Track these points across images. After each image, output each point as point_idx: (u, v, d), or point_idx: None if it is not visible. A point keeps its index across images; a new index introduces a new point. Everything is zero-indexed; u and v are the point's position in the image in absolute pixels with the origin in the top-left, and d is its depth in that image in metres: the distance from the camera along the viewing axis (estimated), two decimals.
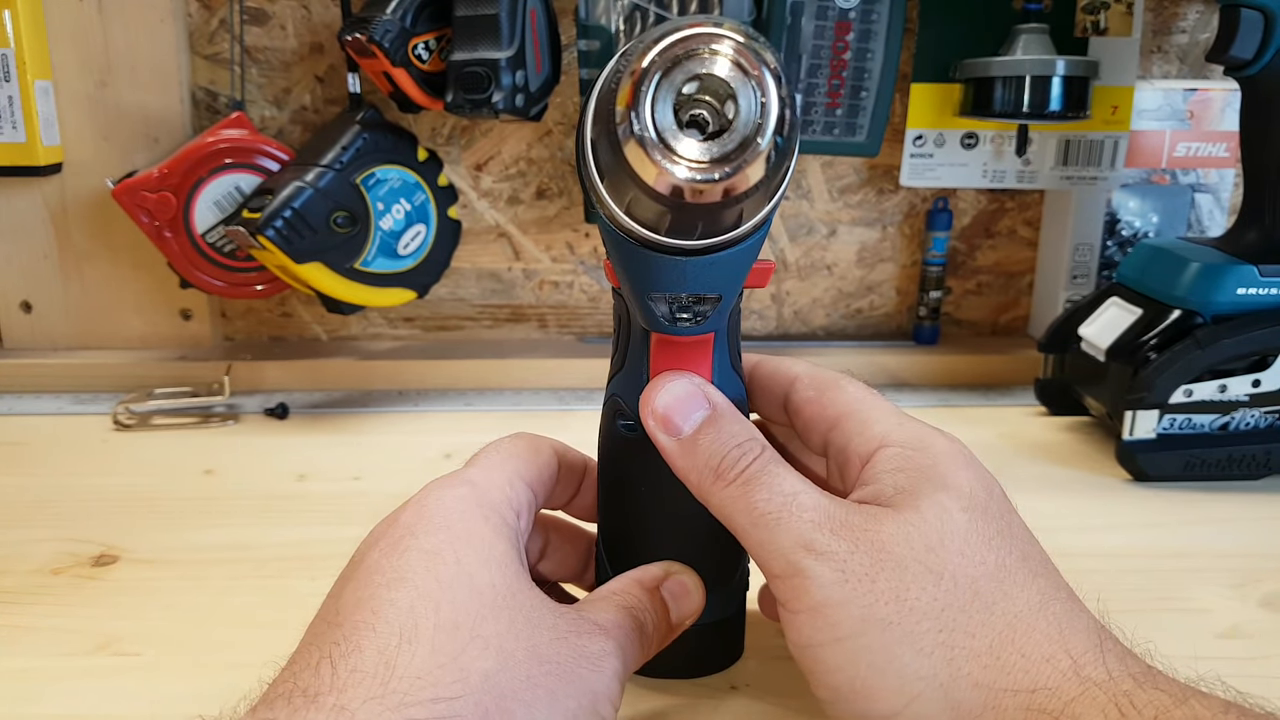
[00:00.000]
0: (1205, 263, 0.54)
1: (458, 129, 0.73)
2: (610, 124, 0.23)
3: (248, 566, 0.44)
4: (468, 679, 0.24)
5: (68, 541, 0.46)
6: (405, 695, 0.23)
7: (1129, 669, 0.24)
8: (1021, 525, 0.29)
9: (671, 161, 0.22)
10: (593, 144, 0.26)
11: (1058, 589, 0.27)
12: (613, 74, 0.24)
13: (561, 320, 0.78)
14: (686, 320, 0.28)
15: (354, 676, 0.24)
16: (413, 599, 0.25)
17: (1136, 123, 0.70)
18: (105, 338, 0.73)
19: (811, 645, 0.27)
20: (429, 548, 0.27)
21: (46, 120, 0.67)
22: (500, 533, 0.29)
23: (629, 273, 0.28)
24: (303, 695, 0.23)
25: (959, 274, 0.79)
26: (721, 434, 0.29)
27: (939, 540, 0.27)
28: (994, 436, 0.62)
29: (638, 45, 0.23)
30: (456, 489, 0.29)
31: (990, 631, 0.25)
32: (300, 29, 0.70)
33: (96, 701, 0.34)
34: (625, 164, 0.23)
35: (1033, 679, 0.24)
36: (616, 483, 0.34)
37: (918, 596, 0.26)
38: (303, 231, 0.61)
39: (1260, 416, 0.55)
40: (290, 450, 0.59)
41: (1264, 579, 0.44)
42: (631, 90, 0.22)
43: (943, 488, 0.28)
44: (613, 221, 0.27)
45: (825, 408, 0.32)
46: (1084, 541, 0.48)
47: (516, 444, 0.33)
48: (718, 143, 0.23)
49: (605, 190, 0.26)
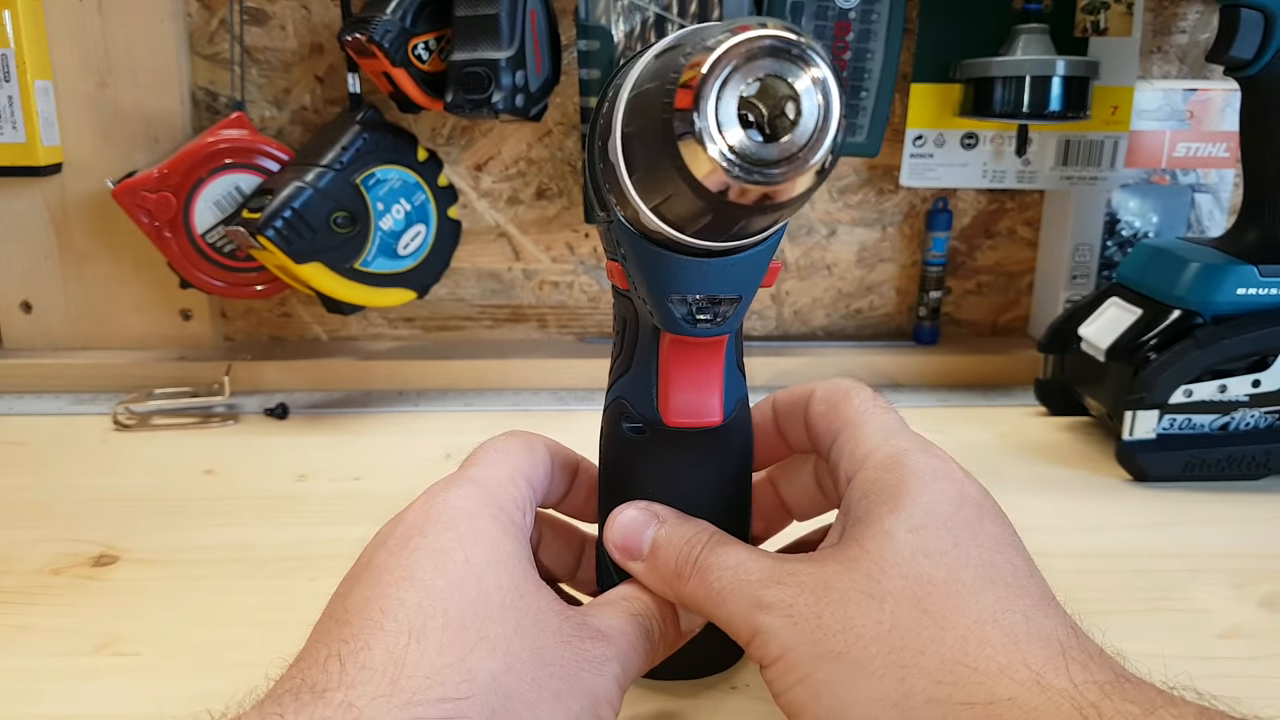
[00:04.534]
0: (1205, 263, 0.54)
1: (458, 129, 0.73)
2: (660, 119, 0.22)
3: (248, 566, 0.44)
4: (475, 679, 0.25)
5: (68, 541, 0.46)
6: (413, 694, 0.23)
7: (1095, 677, 0.24)
8: (993, 533, 0.28)
9: (732, 161, 0.22)
10: (624, 140, 0.25)
11: (1020, 596, 0.27)
12: (660, 70, 0.23)
13: (561, 320, 0.78)
14: (706, 321, 0.28)
15: (362, 674, 0.24)
16: (421, 598, 0.26)
17: (1136, 123, 0.70)
18: (105, 338, 0.73)
19: (784, 693, 0.27)
20: (437, 547, 0.27)
21: (46, 120, 0.67)
22: (507, 531, 0.29)
23: (648, 275, 0.28)
24: (310, 691, 0.24)
25: (959, 274, 0.79)
26: (673, 540, 0.31)
27: (879, 567, 0.27)
28: (994, 437, 0.62)
29: (697, 40, 0.22)
30: (462, 488, 0.30)
31: (940, 647, 0.25)
32: (300, 29, 0.70)
33: (96, 701, 0.34)
34: (676, 161, 0.22)
35: (989, 691, 0.24)
36: (622, 485, 0.34)
37: (863, 624, 0.26)
38: (303, 231, 0.61)
39: (1260, 417, 0.55)
40: (290, 450, 0.59)
41: (1264, 579, 0.44)
42: (697, 86, 0.21)
43: (894, 511, 0.28)
44: (633, 222, 0.27)
45: (831, 421, 0.33)
46: (1084, 542, 0.48)
47: (513, 441, 0.33)
48: (780, 146, 0.22)
49: (634, 189, 0.25)
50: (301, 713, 0.23)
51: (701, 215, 0.24)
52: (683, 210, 0.25)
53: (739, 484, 0.35)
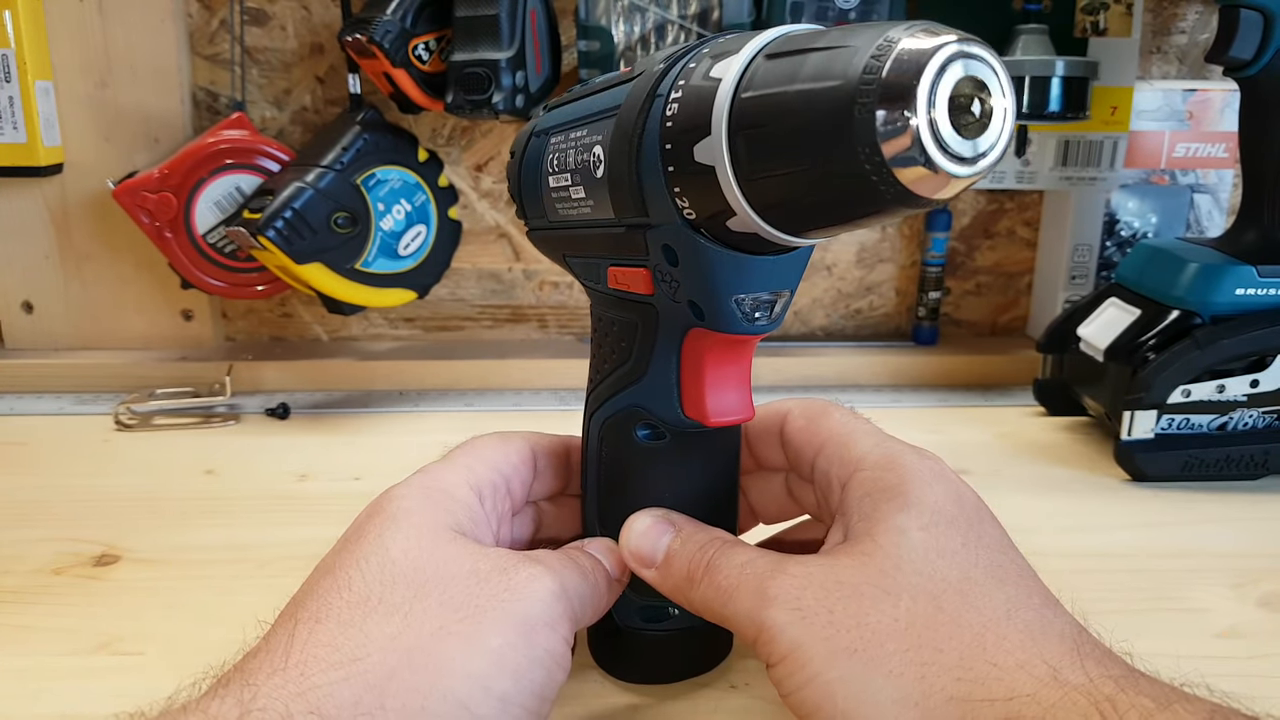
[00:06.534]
0: (1204, 263, 0.54)
1: (458, 130, 0.73)
2: (844, 119, 0.22)
3: (248, 566, 0.45)
4: (370, 641, 0.25)
5: (69, 541, 0.46)
6: (306, 665, 0.25)
7: (1109, 672, 0.24)
8: (994, 535, 0.29)
9: (941, 158, 0.22)
10: (741, 140, 0.24)
11: (1030, 595, 0.27)
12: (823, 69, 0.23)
13: (561, 320, 0.78)
14: (762, 318, 0.29)
15: (257, 659, 0.25)
16: (329, 585, 0.27)
17: (1136, 123, 0.70)
18: (106, 338, 0.73)
19: (794, 692, 0.26)
20: (357, 535, 0.29)
21: (47, 121, 0.68)
22: (431, 501, 0.30)
23: (713, 277, 0.28)
24: (221, 684, 0.25)
25: (958, 274, 0.79)
26: (687, 546, 0.31)
27: (894, 564, 0.27)
28: (993, 437, 0.62)
29: (870, 39, 0.22)
30: (404, 485, 0.31)
31: (958, 644, 0.25)
32: (300, 29, 0.70)
33: (96, 701, 0.34)
34: (860, 158, 0.22)
35: (1008, 687, 0.24)
36: (632, 494, 0.33)
37: (878, 620, 0.26)
38: (303, 232, 0.61)
39: (1258, 417, 0.55)
40: (291, 450, 0.59)
41: (1262, 579, 0.44)
42: (911, 85, 0.21)
43: (903, 509, 0.28)
44: (708, 224, 0.27)
45: (813, 435, 0.33)
46: (1082, 541, 0.48)
47: (480, 438, 0.34)
48: (975, 144, 0.22)
49: (741, 189, 0.25)
50: (200, 701, 0.24)
51: (844, 210, 0.24)
52: (814, 205, 0.24)
53: (736, 482, 0.35)
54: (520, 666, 0.26)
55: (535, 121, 0.35)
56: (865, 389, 0.72)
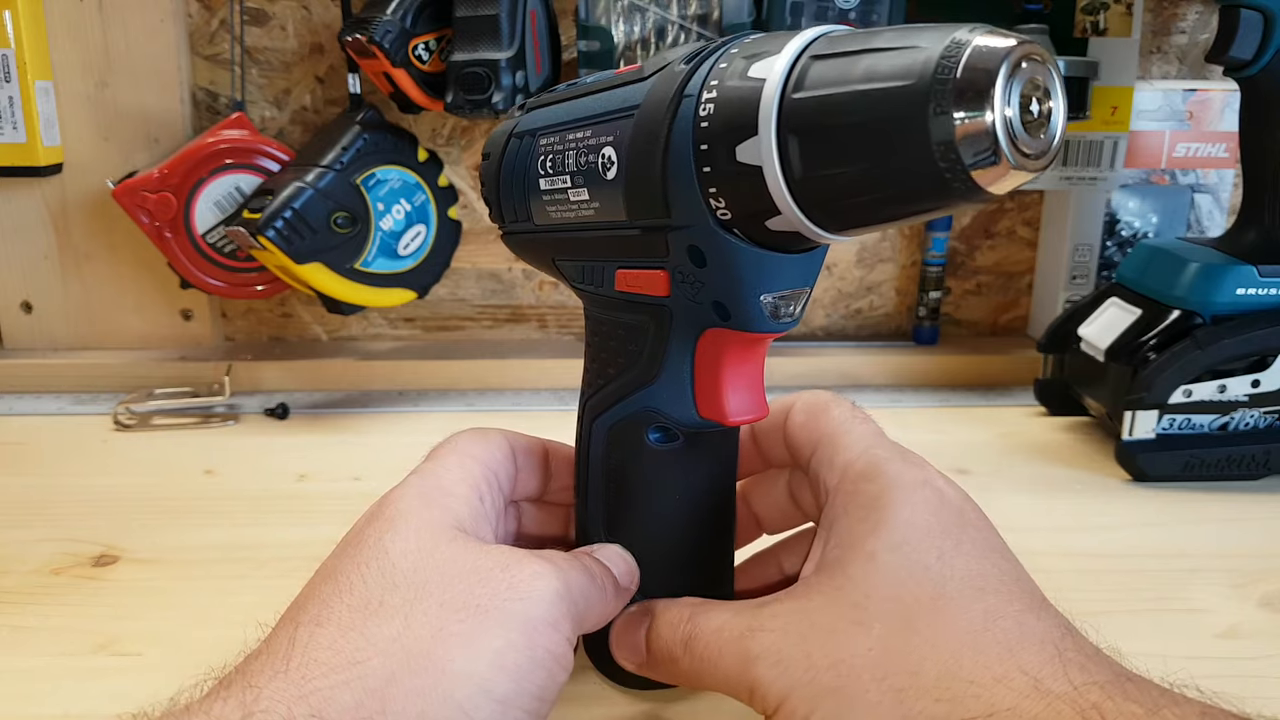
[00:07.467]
0: (1205, 263, 0.54)
1: (458, 129, 0.73)
2: (913, 117, 0.22)
3: (248, 566, 0.45)
4: (371, 644, 0.25)
5: (68, 541, 0.46)
6: (307, 668, 0.25)
7: (1095, 678, 0.24)
8: (977, 540, 0.28)
9: (1015, 162, 0.22)
10: (793, 141, 0.24)
11: (1010, 601, 0.26)
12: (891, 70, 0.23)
13: (561, 320, 0.78)
14: (786, 316, 0.29)
15: (259, 661, 0.25)
16: (331, 589, 0.27)
17: (1136, 123, 0.70)
18: (105, 338, 0.73)
19: None
20: (357, 539, 0.29)
21: (47, 120, 0.67)
22: (430, 501, 0.30)
23: (743, 276, 0.28)
24: (223, 686, 0.25)
25: (958, 274, 0.79)
26: (660, 630, 0.31)
27: (863, 594, 0.27)
28: (993, 437, 0.62)
29: (937, 41, 0.22)
30: (401, 487, 0.31)
31: (934, 665, 0.25)
32: (300, 29, 0.70)
33: (96, 701, 0.34)
34: (931, 157, 0.22)
35: (987, 703, 0.24)
36: (643, 499, 0.33)
37: (852, 654, 0.26)
38: (303, 232, 0.61)
39: (1259, 417, 0.55)
40: (290, 450, 0.59)
41: (1263, 579, 0.44)
42: (991, 88, 0.22)
43: (875, 530, 0.28)
44: (741, 224, 0.26)
45: (811, 432, 0.33)
46: (1083, 542, 0.48)
47: (463, 434, 0.34)
48: (1042, 141, 0.23)
49: (789, 188, 0.25)
50: (203, 703, 0.24)
51: (903, 207, 0.24)
52: (871, 202, 0.24)
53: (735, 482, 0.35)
54: (521, 667, 0.26)
55: (513, 122, 0.34)
56: (866, 389, 0.72)
